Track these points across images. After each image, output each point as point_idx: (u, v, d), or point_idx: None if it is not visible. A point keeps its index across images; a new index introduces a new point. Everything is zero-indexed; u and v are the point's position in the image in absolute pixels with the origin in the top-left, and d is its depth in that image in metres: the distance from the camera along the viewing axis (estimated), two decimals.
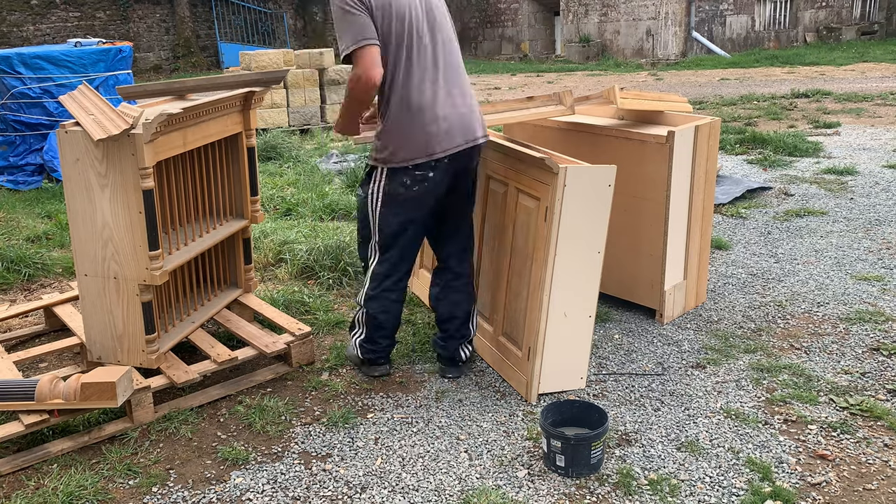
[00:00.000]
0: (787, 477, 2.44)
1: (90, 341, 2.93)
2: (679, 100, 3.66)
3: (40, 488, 2.44)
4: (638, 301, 3.63)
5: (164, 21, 18.13)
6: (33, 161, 6.37)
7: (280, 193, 5.89)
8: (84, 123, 2.67)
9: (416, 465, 2.56)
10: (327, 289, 4.04)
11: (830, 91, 10.39)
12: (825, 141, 7.31)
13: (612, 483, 2.43)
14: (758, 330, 3.48)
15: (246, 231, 3.51)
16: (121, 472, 2.53)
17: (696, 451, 2.57)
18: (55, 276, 4.39)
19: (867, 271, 4.11)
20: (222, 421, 2.85)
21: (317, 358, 3.28)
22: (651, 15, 15.93)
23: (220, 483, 2.48)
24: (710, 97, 10.48)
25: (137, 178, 2.67)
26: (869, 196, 5.50)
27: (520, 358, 2.97)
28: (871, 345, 3.30)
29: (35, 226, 5.25)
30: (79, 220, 2.78)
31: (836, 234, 4.74)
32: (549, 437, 2.47)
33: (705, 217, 3.59)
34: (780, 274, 4.13)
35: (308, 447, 2.66)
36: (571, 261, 2.83)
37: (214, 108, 3.06)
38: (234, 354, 3.03)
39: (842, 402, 2.84)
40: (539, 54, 18.38)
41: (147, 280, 2.77)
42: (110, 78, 6.36)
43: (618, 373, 3.13)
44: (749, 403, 2.86)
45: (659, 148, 3.32)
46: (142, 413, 2.78)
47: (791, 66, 14.08)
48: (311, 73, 8.75)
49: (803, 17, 17.19)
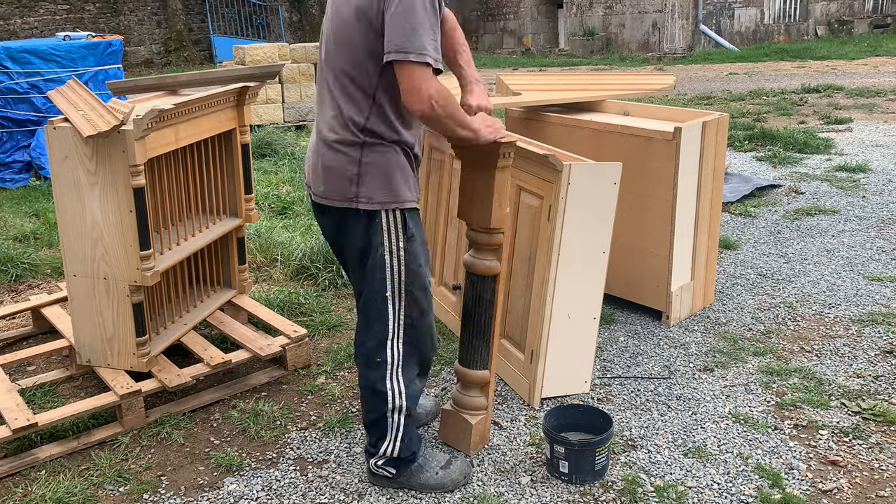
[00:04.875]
0: (797, 484, 2.41)
1: (79, 344, 2.92)
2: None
3: (28, 495, 2.42)
4: (644, 302, 3.59)
5: (155, 14, 18.11)
6: (20, 158, 6.36)
7: (275, 191, 5.89)
8: (73, 119, 2.65)
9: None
10: (323, 289, 4.02)
11: (842, 86, 10.35)
12: (837, 137, 7.28)
13: (618, 490, 2.40)
14: (767, 332, 3.44)
15: (240, 230, 3.49)
16: (111, 479, 2.51)
17: (703, 457, 2.54)
18: (43, 276, 4.37)
19: (880, 271, 4.08)
20: (215, 426, 2.82)
21: (313, 361, 3.26)
22: (657, 7, 15.83)
23: (214, 490, 2.46)
24: (718, 92, 10.44)
25: (128, 175, 2.65)
26: (882, 194, 5.47)
27: (522, 361, 2.94)
28: (885, 347, 3.26)
29: (22, 225, 5.24)
30: (68, 219, 2.77)
31: (847, 233, 4.70)
32: (553, 443, 2.45)
33: (713, 216, 3.56)
34: (791, 274, 4.09)
35: (304, 453, 2.64)
36: (575, 261, 2.80)
37: (207, 103, 3.04)
38: (227, 357, 3.01)
39: (854, 407, 2.81)
40: (542, 48, 18.30)
41: (138, 281, 2.76)
42: (100, 72, 6.35)
43: (623, 376, 3.09)
44: (758, 408, 2.83)
45: (665, 145, 3.28)
46: (132, 418, 2.76)
47: (801, 60, 14.01)
48: (306, 67, 8.72)
49: (814, 10, 17.07)
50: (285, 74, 8.58)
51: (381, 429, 2.37)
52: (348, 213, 2.23)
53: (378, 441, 2.38)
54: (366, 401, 2.38)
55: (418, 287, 2.30)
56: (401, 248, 2.24)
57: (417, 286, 2.30)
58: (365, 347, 2.33)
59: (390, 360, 2.32)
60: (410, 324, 2.32)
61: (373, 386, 2.33)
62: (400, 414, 2.35)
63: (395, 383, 2.33)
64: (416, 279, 2.29)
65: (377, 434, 2.38)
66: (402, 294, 2.28)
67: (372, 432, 2.40)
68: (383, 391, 2.33)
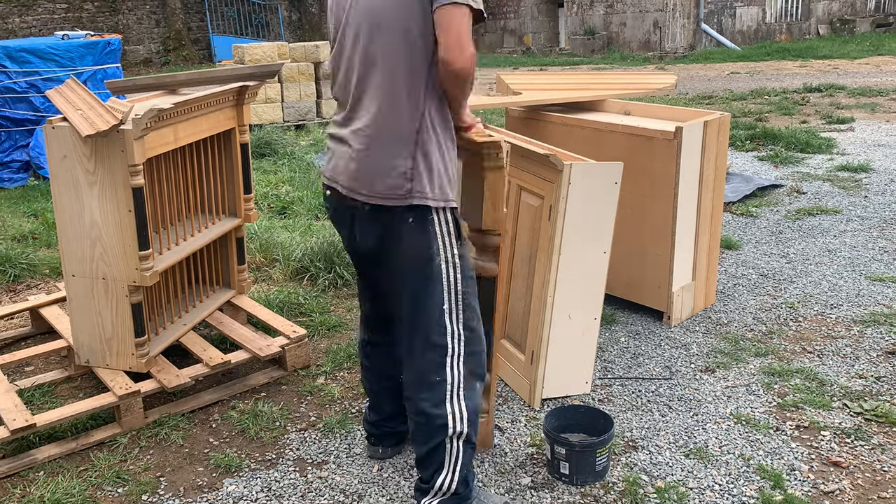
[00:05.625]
0: (799, 485, 2.40)
1: (78, 344, 2.90)
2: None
3: (26, 496, 2.41)
4: (645, 303, 3.58)
5: (154, 13, 18.09)
6: (19, 158, 6.35)
7: (274, 191, 5.87)
8: (72, 119, 2.64)
9: (415, 472, 2.50)
10: (323, 290, 4.00)
11: (844, 85, 10.33)
12: (839, 137, 7.27)
13: (619, 491, 2.39)
14: (769, 332, 3.43)
15: (239, 230, 3.48)
16: (109, 480, 2.50)
17: (705, 458, 2.53)
18: (42, 276, 4.37)
19: (882, 272, 4.07)
20: (215, 426, 2.81)
21: (312, 362, 3.24)
22: (658, 6, 15.81)
23: (213, 491, 2.45)
24: (720, 91, 10.42)
25: (127, 175, 2.64)
26: (884, 194, 5.46)
27: (523, 362, 2.93)
28: (887, 348, 3.25)
29: (21, 225, 5.23)
30: (66, 219, 2.76)
31: (849, 233, 4.69)
32: (553, 444, 2.44)
33: (714, 216, 3.55)
34: (792, 275, 4.07)
35: (303, 454, 2.63)
36: (576, 261, 2.79)
37: (206, 103, 3.03)
38: (226, 358, 3.00)
39: (856, 408, 2.80)
40: (542, 47, 18.28)
41: (137, 281, 2.75)
42: (98, 72, 6.34)
43: (624, 377, 3.08)
44: (760, 409, 2.82)
45: (667, 144, 3.27)
46: (131, 418, 2.75)
47: (803, 59, 14.00)
48: (306, 66, 8.71)
49: (816, 9, 17.04)
50: (285, 74, 8.57)
51: (439, 459, 2.09)
52: (399, 212, 2.04)
53: (434, 474, 2.11)
54: (421, 428, 2.12)
55: (473, 295, 2.14)
56: (455, 254, 2.07)
57: (473, 294, 2.13)
58: (420, 367, 2.11)
59: (451, 379, 2.09)
60: (470, 337, 2.11)
61: (430, 411, 2.08)
62: (460, 440, 2.09)
63: (455, 406, 2.08)
64: (472, 285, 2.11)
65: (434, 465, 2.11)
66: (459, 304, 2.08)
67: (427, 465, 2.13)
68: (443, 415, 2.07)
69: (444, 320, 2.08)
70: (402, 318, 2.16)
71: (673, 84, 3.90)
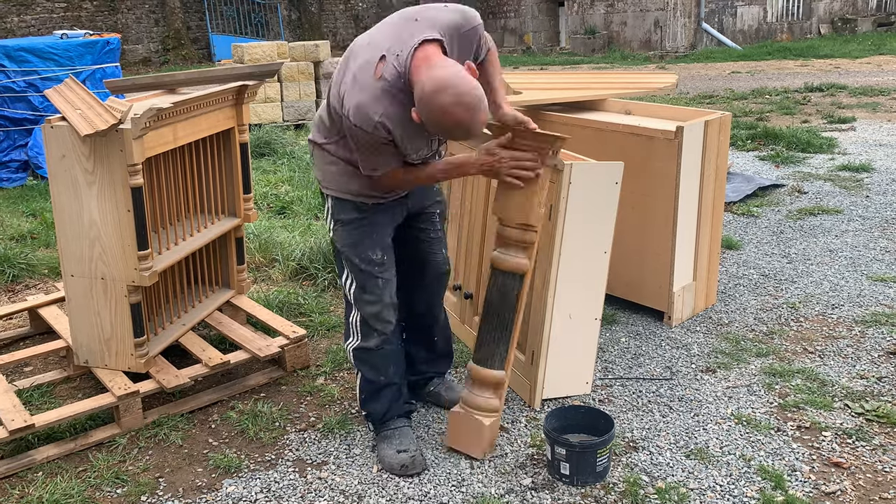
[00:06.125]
0: (800, 485, 2.39)
1: (77, 344, 2.90)
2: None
3: (25, 497, 2.41)
4: (645, 303, 3.57)
5: (153, 12, 18.05)
6: (17, 157, 6.34)
7: (274, 191, 5.86)
8: (70, 118, 2.64)
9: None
10: (322, 290, 4.00)
11: (845, 85, 10.30)
12: (840, 137, 7.25)
13: (619, 492, 2.39)
14: (770, 333, 3.42)
15: (238, 230, 3.47)
16: (108, 480, 2.49)
17: (705, 459, 2.53)
18: (40, 276, 4.36)
19: (884, 272, 4.05)
20: (214, 427, 2.80)
21: (312, 362, 3.24)
22: (659, 6, 15.79)
23: (212, 491, 2.44)
24: (721, 91, 10.41)
25: (126, 174, 2.64)
26: (885, 194, 5.44)
27: (523, 362, 2.92)
28: (888, 348, 3.24)
29: (19, 224, 5.22)
30: (65, 219, 2.75)
31: (851, 233, 4.67)
32: (554, 445, 2.43)
33: (715, 216, 3.54)
34: (793, 275, 4.06)
35: (303, 454, 2.62)
36: (577, 261, 2.78)
37: (206, 102, 3.02)
38: (226, 358, 2.99)
39: (857, 408, 2.79)
40: (543, 46, 18.26)
41: (136, 281, 2.74)
42: (97, 71, 6.33)
43: (624, 377, 3.07)
44: (761, 409, 2.81)
45: (667, 144, 3.26)
46: (130, 419, 2.75)
47: (804, 58, 13.96)
48: (306, 66, 8.69)
49: (817, 8, 17.00)
50: (284, 73, 8.56)
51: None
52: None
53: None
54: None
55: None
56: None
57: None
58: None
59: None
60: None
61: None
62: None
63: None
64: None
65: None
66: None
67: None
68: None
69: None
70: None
71: (674, 83, 3.89)
